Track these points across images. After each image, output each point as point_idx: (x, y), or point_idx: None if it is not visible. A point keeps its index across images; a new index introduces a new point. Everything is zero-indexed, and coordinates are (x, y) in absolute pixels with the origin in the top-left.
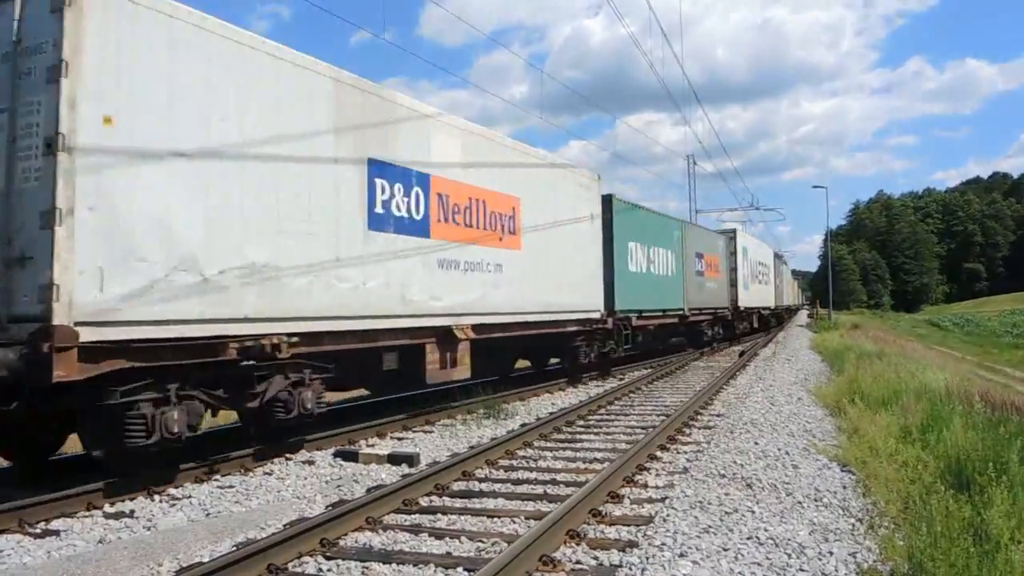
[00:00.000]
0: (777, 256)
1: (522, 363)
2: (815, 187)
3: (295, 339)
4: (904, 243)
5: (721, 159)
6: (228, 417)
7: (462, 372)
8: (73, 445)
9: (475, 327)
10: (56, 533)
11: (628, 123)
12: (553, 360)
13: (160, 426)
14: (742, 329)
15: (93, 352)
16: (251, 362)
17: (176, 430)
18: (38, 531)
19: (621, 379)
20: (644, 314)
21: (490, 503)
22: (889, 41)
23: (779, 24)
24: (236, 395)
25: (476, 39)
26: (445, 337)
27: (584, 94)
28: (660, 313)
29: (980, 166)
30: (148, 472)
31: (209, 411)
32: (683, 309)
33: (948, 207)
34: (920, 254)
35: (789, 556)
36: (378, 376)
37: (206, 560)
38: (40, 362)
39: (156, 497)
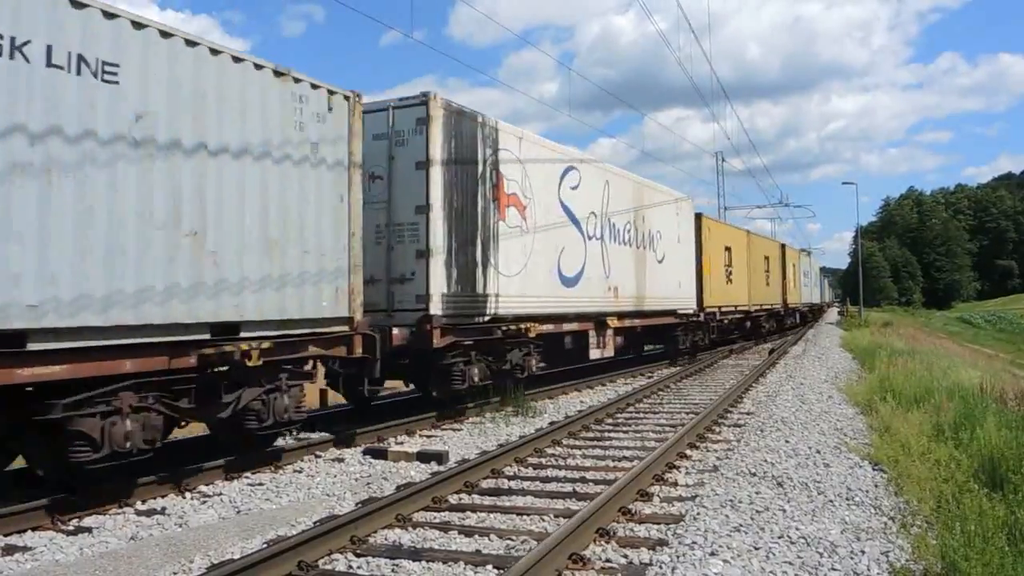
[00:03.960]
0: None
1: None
2: (845, 183)
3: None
4: (935, 240)
5: (750, 156)
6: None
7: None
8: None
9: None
10: (88, 530)
11: (657, 120)
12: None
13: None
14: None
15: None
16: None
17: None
18: (71, 528)
19: (650, 377)
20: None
21: (519, 501)
22: (922, 37)
23: (811, 20)
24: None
25: (506, 38)
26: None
27: (613, 92)
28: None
29: (1012, 162)
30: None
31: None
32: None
33: (980, 203)
34: (952, 251)
35: (821, 555)
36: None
37: (237, 557)
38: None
39: (187, 494)
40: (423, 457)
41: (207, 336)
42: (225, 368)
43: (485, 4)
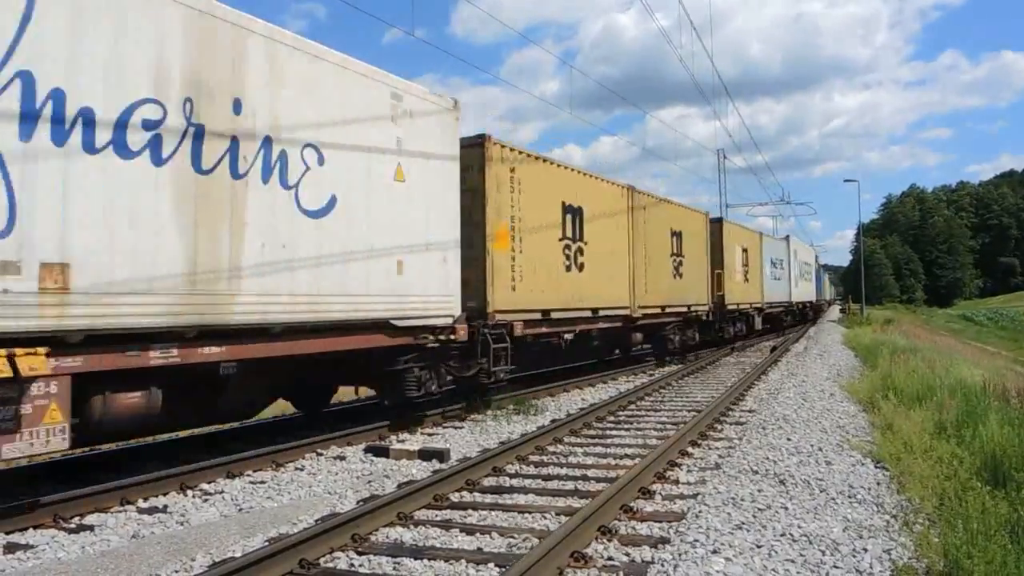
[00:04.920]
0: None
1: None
2: (847, 180)
3: None
4: (937, 237)
5: (752, 153)
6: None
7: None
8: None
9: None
10: (90, 528)
11: (658, 118)
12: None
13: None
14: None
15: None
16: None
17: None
18: (72, 526)
19: (652, 375)
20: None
21: (521, 499)
22: (924, 34)
23: (813, 18)
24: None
25: (508, 36)
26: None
27: (615, 89)
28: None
29: (1015, 159)
30: None
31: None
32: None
33: (982, 200)
34: (954, 248)
35: (823, 553)
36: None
37: (238, 555)
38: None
39: (189, 492)
40: (424, 455)
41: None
42: None
43: (487, 2)
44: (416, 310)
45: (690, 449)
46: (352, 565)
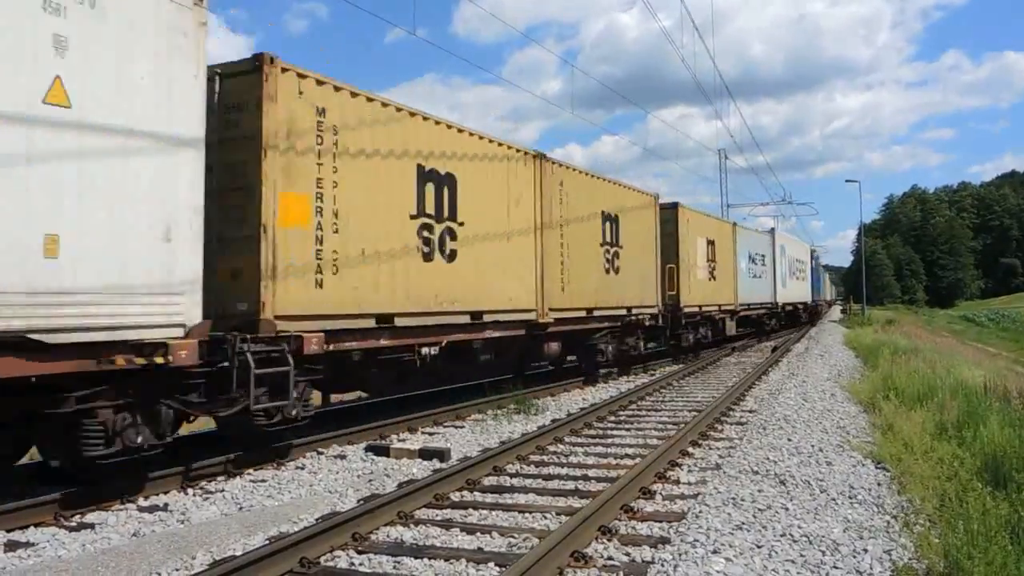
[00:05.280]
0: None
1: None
2: (848, 181)
3: None
4: (939, 238)
5: (753, 153)
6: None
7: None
8: None
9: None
10: (91, 526)
11: (660, 117)
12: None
13: None
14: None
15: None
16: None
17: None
18: (73, 524)
19: (652, 375)
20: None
21: (521, 498)
22: (926, 34)
23: (815, 18)
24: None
25: (510, 36)
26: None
27: (617, 89)
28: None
29: (1017, 160)
30: None
31: None
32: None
33: (984, 201)
34: (955, 249)
35: (823, 553)
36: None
37: (239, 553)
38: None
39: (190, 491)
40: (425, 454)
41: None
42: None
43: (489, 1)
44: (86, 317)
45: (691, 449)
46: (352, 564)
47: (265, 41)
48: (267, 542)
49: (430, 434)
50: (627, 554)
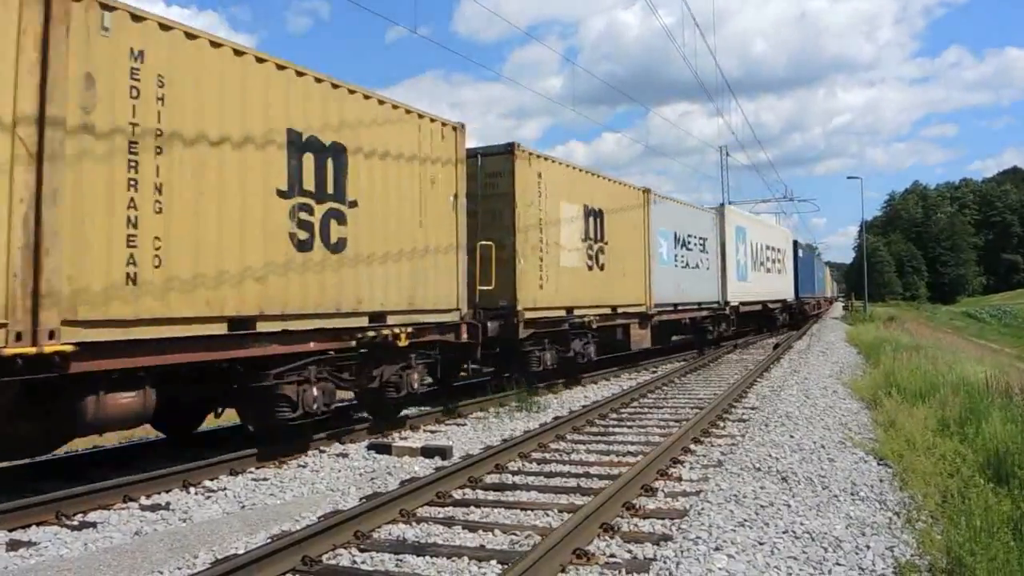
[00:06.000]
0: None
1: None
2: (850, 177)
3: None
4: (941, 234)
5: (755, 150)
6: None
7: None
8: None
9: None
10: (93, 525)
11: (662, 114)
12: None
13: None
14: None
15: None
16: None
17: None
18: (75, 523)
19: (654, 372)
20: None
21: (523, 496)
22: (928, 31)
23: (817, 15)
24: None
25: (511, 34)
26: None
27: (618, 87)
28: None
29: (1019, 156)
30: None
31: None
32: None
33: (985, 197)
34: (957, 245)
35: (826, 550)
36: None
37: (241, 552)
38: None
39: (191, 490)
40: (427, 452)
41: None
42: None
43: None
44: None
45: (693, 446)
46: (355, 562)
47: (267, 41)
48: (269, 540)
49: (432, 432)
50: (629, 551)
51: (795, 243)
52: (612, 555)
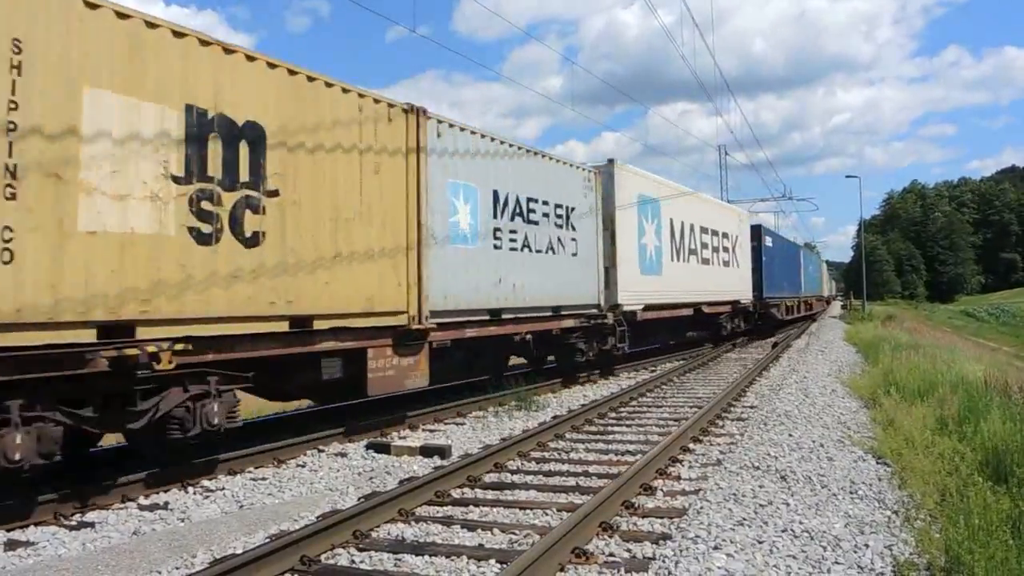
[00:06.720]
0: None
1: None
2: (848, 176)
3: None
4: (939, 233)
5: (754, 150)
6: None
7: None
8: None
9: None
10: (91, 525)
11: (661, 113)
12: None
13: None
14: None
15: None
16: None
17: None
18: (73, 523)
19: (653, 371)
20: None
21: (522, 495)
22: (927, 30)
23: (816, 14)
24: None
25: (511, 33)
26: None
27: (617, 86)
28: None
29: (1017, 155)
30: None
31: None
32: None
33: (984, 196)
34: (955, 244)
35: (824, 549)
36: None
37: (239, 552)
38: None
39: (190, 489)
40: (426, 451)
41: None
42: None
43: None
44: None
45: (692, 445)
46: (353, 562)
47: (267, 40)
48: (268, 540)
49: (431, 431)
50: (628, 550)
51: (758, 228)
52: (611, 554)
